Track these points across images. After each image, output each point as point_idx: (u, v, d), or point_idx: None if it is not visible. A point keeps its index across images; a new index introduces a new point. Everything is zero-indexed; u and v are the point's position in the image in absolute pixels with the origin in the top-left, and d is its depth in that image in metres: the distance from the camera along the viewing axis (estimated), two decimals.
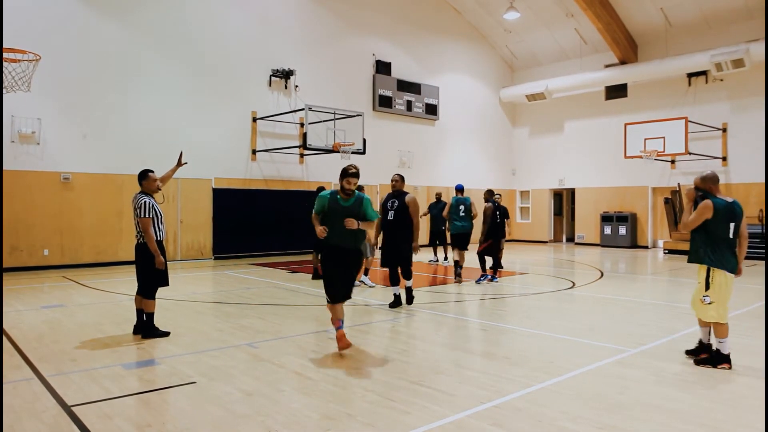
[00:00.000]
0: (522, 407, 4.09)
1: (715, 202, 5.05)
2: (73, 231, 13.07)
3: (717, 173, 5.28)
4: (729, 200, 5.12)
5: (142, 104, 14.12)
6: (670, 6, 18.20)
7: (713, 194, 5.14)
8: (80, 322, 7.12)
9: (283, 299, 8.89)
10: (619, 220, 20.00)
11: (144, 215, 6.12)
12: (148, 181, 6.34)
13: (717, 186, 5.18)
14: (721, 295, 5.06)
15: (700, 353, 5.28)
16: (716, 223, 5.05)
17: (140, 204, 6.16)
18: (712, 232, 5.07)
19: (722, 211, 5.05)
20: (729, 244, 5.08)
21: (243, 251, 15.81)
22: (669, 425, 3.79)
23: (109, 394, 4.37)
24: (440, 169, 21.15)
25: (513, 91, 22.93)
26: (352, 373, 4.94)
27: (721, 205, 5.05)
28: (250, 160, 16.11)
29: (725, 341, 5.09)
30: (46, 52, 11.48)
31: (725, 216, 5.05)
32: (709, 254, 5.08)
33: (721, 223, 5.05)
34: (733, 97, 17.94)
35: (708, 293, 5.09)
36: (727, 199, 5.12)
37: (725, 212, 5.05)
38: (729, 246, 5.08)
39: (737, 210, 5.10)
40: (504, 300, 9.02)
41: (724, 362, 5.08)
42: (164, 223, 6.42)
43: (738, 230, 5.10)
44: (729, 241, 5.08)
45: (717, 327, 5.13)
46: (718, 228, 5.06)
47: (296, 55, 17.04)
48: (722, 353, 5.10)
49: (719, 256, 5.05)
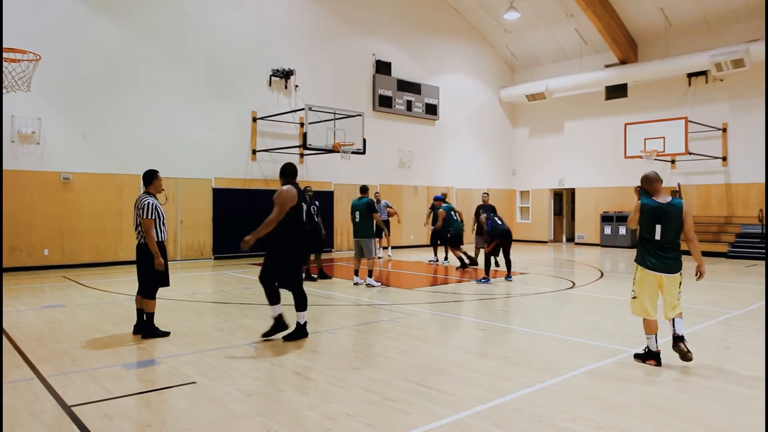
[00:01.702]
0: (522, 407, 4.09)
1: (642, 203, 5.17)
2: (73, 231, 13.07)
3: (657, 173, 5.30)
4: (663, 201, 5.12)
5: (142, 104, 14.11)
6: (670, 6, 18.20)
7: (649, 194, 5.20)
8: (80, 322, 7.12)
9: (283, 299, 8.86)
10: (619, 220, 19.99)
11: (147, 216, 6.12)
12: (158, 181, 6.38)
13: (653, 186, 5.19)
14: (642, 290, 5.16)
15: (647, 359, 5.22)
16: (642, 224, 5.19)
17: (143, 204, 6.16)
18: (641, 231, 5.22)
19: (648, 212, 5.14)
20: (655, 245, 5.10)
21: (243, 251, 15.79)
22: (669, 425, 3.79)
23: (109, 394, 4.37)
24: (440, 169, 21.15)
25: (513, 91, 22.93)
26: (352, 373, 4.94)
27: (648, 206, 5.14)
28: (250, 160, 16.11)
29: (650, 338, 5.18)
30: (46, 52, 11.47)
31: (651, 217, 5.11)
32: (639, 251, 5.23)
33: (647, 224, 5.15)
34: (733, 97, 17.93)
35: (633, 287, 5.28)
36: (661, 200, 5.12)
37: (651, 213, 5.12)
38: (655, 246, 5.10)
39: (671, 211, 5.07)
40: (504, 300, 9.01)
41: (651, 359, 5.16)
42: (166, 224, 6.43)
43: (670, 232, 5.06)
44: (655, 242, 5.10)
45: (643, 323, 5.23)
46: (644, 228, 5.18)
47: (296, 55, 17.04)
48: (651, 350, 5.20)
49: (642, 254, 5.16)
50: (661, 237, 5.08)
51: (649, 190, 5.22)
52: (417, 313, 7.73)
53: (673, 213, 5.08)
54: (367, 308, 8.18)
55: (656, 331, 5.19)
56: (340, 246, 18.14)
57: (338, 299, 8.95)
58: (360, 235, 10.30)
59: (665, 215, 5.08)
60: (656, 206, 5.12)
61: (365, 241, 10.25)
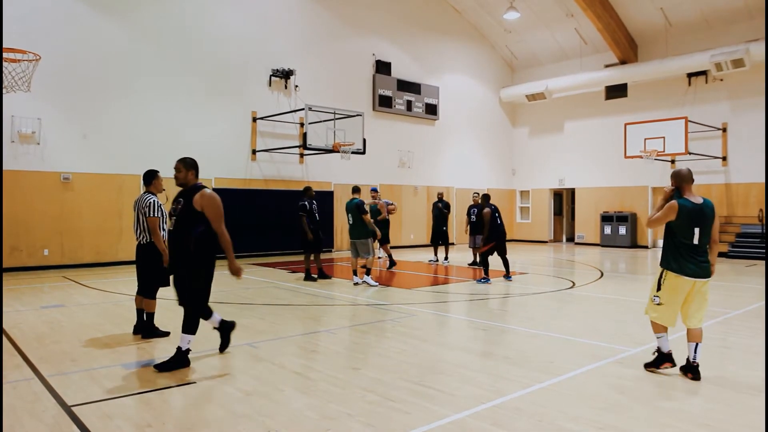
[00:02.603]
0: (522, 407, 4.09)
1: (680, 204, 4.69)
2: (73, 231, 13.06)
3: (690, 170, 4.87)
4: (698, 201, 4.72)
5: (142, 104, 14.11)
6: (670, 6, 18.20)
7: (683, 194, 4.78)
8: (80, 322, 7.12)
9: (283, 299, 8.89)
10: (619, 220, 20.00)
11: (152, 214, 6.15)
12: (158, 180, 6.45)
13: (688, 185, 4.78)
14: (672, 298, 4.76)
15: (661, 364, 4.92)
16: (678, 226, 4.72)
17: (148, 203, 6.18)
18: (674, 235, 4.75)
19: (686, 214, 4.68)
20: (692, 249, 4.69)
21: (243, 251, 15.80)
22: (669, 425, 3.78)
23: (109, 394, 4.37)
24: (440, 169, 21.15)
25: (513, 91, 22.93)
26: (352, 373, 4.94)
27: (686, 207, 4.69)
28: (250, 160, 16.11)
29: (661, 337, 4.87)
30: (46, 52, 11.48)
31: (689, 219, 4.68)
32: (672, 256, 4.75)
33: (685, 227, 4.70)
34: (733, 97, 17.94)
35: (658, 293, 4.84)
36: (696, 201, 4.72)
37: (690, 215, 4.68)
38: (692, 251, 4.69)
39: (707, 213, 4.70)
40: (504, 300, 9.01)
41: (664, 362, 4.89)
42: (167, 223, 6.41)
43: (705, 235, 4.71)
44: (692, 247, 4.69)
45: (654, 323, 4.92)
46: (680, 231, 4.72)
47: (296, 55, 17.04)
48: (663, 352, 4.89)
49: (677, 259, 4.71)
50: (698, 241, 4.69)
51: (682, 189, 4.78)
52: (417, 313, 7.73)
53: (708, 215, 4.71)
54: (367, 308, 8.18)
55: (666, 329, 4.88)
56: (340, 246, 18.14)
57: (338, 299, 8.95)
58: (354, 236, 10.33)
59: (702, 217, 4.70)
60: (693, 207, 4.68)
61: (360, 242, 10.28)
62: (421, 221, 20.14)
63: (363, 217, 10.26)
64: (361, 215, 10.26)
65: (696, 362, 4.77)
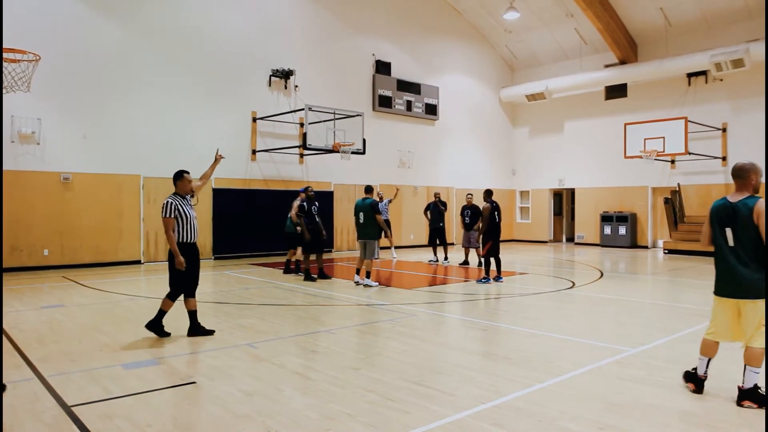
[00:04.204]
0: (522, 407, 4.09)
1: (713, 204, 4.30)
2: (73, 231, 13.06)
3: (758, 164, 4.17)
4: (734, 200, 4.14)
5: (142, 104, 14.11)
6: (670, 6, 18.20)
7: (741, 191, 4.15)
8: (80, 322, 7.12)
9: (283, 299, 8.88)
10: (619, 220, 20.00)
11: (164, 215, 6.11)
12: (183, 182, 6.25)
13: (735, 182, 4.18)
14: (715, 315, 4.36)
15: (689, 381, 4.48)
16: (712, 230, 4.29)
17: (163, 204, 6.15)
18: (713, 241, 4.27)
19: (713, 214, 4.24)
20: (725, 256, 4.17)
21: (243, 251, 15.81)
22: (669, 425, 3.79)
23: (109, 394, 4.37)
24: (440, 169, 21.14)
25: (513, 91, 22.93)
26: (352, 373, 4.94)
27: (714, 206, 4.26)
28: (250, 160, 16.11)
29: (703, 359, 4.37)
30: (46, 52, 11.46)
31: (715, 219, 4.22)
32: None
33: (714, 230, 4.26)
34: (733, 97, 17.94)
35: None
36: (733, 198, 4.16)
37: (715, 214, 4.23)
38: (724, 257, 4.17)
39: (740, 211, 4.06)
40: (504, 300, 9.01)
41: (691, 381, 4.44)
42: (194, 224, 6.28)
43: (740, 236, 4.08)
44: (724, 252, 4.17)
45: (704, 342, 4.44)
46: (714, 235, 4.28)
47: (296, 55, 17.04)
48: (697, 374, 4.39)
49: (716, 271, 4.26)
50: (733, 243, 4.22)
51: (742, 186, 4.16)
52: (417, 313, 7.73)
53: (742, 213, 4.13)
54: (367, 308, 8.18)
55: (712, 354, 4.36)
56: (340, 246, 18.14)
57: (338, 299, 8.95)
58: (364, 236, 10.30)
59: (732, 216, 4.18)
60: (718, 204, 4.26)
61: (370, 242, 10.28)
62: (421, 221, 20.12)
63: (376, 217, 10.27)
64: (375, 215, 10.26)
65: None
